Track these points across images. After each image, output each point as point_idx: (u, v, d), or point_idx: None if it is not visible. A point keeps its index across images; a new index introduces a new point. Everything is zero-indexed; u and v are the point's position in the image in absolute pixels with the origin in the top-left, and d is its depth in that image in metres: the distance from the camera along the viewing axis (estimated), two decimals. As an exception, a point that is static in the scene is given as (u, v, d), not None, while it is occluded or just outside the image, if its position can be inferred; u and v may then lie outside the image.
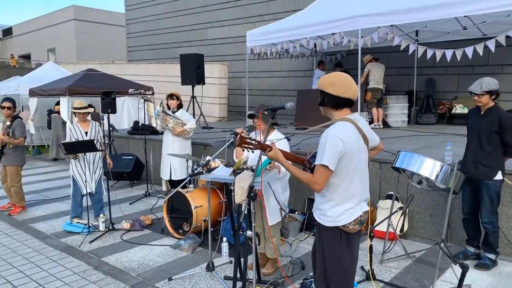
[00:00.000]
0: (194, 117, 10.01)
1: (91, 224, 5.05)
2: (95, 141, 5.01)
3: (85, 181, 5.27)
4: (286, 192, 3.83)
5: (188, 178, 3.97)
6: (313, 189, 2.34)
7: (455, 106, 9.35)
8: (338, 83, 2.35)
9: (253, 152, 3.74)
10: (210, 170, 3.55)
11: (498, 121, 3.62)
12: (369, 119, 8.67)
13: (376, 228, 4.65)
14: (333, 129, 2.29)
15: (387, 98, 9.27)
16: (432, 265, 3.97)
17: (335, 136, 2.25)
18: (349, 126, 2.32)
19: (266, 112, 3.66)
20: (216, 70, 12.22)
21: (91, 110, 5.40)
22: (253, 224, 2.91)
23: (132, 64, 15.63)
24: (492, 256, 3.85)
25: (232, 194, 4.70)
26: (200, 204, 4.59)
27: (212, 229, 4.74)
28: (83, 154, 5.21)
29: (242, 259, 3.14)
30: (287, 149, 3.66)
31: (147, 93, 11.20)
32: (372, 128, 9.18)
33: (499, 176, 3.70)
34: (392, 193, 4.72)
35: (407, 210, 4.68)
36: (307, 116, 9.49)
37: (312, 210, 2.56)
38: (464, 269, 2.52)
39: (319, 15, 8.50)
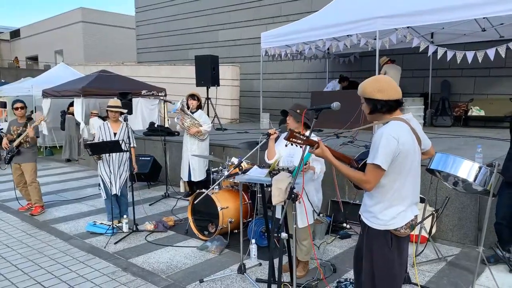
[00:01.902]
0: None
1: (115, 225, 5.02)
2: (120, 142, 4.97)
3: (112, 183, 5.22)
4: (319, 193, 3.79)
5: (223, 178, 3.92)
6: (364, 188, 2.29)
7: (471, 108, 9.29)
8: (386, 87, 2.29)
9: (295, 145, 3.74)
10: (243, 172, 3.51)
11: None
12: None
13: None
14: (387, 129, 2.23)
15: (403, 100, 9.20)
16: (466, 268, 3.91)
17: (389, 135, 2.20)
18: (404, 126, 2.27)
19: (298, 111, 3.61)
20: (228, 72, 12.21)
21: (124, 110, 5.38)
22: (294, 226, 2.87)
23: (143, 65, 15.66)
24: None
25: (258, 195, 4.69)
26: (226, 205, 4.55)
27: (236, 231, 4.71)
28: (108, 155, 5.17)
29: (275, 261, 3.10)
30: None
31: (159, 94, 11.22)
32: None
33: None
34: (422, 196, 4.66)
35: (436, 213, 4.62)
36: (321, 118, 9.40)
37: (360, 213, 2.50)
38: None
39: (335, 17, 8.47)
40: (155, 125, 8.58)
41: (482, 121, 9.22)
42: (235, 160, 4.70)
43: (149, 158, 7.43)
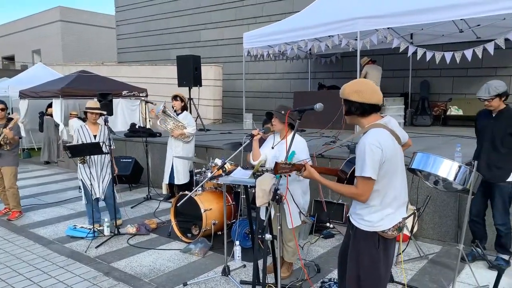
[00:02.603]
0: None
1: (96, 228, 4.92)
2: (101, 144, 4.88)
3: (94, 186, 5.12)
4: (306, 195, 3.78)
5: (206, 180, 3.89)
6: (359, 201, 2.31)
7: (449, 108, 9.47)
8: (363, 89, 2.30)
9: (273, 148, 3.74)
10: (227, 173, 3.49)
11: None
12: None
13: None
14: (369, 138, 2.23)
15: (384, 100, 9.33)
16: (447, 266, 3.97)
17: (372, 145, 2.20)
18: (383, 132, 2.28)
19: (283, 112, 3.62)
20: (211, 72, 12.15)
21: (104, 112, 5.28)
22: (278, 227, 2.86)
23: (123, 66, 15.44)
24: (506, 257, 3.88)
25: (242, 196, 4.67)
26: (209, 207, 4.52)
27: (220, 233, 4.68)
28: (89, 158, 5.07)
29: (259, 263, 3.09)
30: (306, 152, 3.63)
31: (141, 95, 11.08)
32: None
33: (511, 178, 3.71)
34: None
35: (417, 211, 4.69)
36: (304, 118, 9.44)
37: (348, 214, 2.52)
38: (501, 271, 2.52)
39: (317, 17, 8.52)
40: (136, 126, 8.46)
41: (460, 120, 9.41)
42: (218, 161, 4.68)
43: (130, 160, 7.32)
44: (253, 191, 3.49)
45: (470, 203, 3.46)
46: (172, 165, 6.13)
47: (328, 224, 5.10)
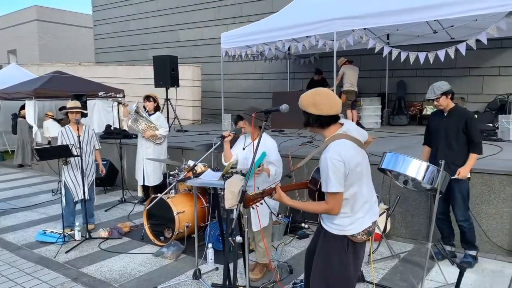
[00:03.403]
0: (168, 120, 9.83)
1: (66, 233, 4.80)
2: (70, 146, 4.77)
3: (78, 188, 5.00)
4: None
5: (174, 184, 3.83)
6: (331, 215, 2.31)
7: (425, 107, 9.61)
8: (320, 102, 2.28)
9: (244, 149, 3.71)
10: (197, 175, 3.44)
11: (464, 120, 3.74)
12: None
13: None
14: (330, 153, 2.22)
15: (361, 100, 9.42)
16: (418, 264, 4.02)
17: (334, 159, 2.20)
18: (344, 143, 2.27)
19: (252, 114, 3.59)
20: (189, 72, 12.05)
21: (85, 111, 5.17)
22: (246, 229, 2.84)
23: (100, 66, 15.19)
24: (473, 253, 3.94)
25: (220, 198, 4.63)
26: (182, 209, 4.46)
27: (194, 235, 4.62)
28: (75, 159, 4.97)
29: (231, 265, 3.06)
30: (276, 152, 3.61)
31: (117, 95, 10.90)
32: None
33: (468, 174, 3.80)
34: (376, 194, 4.76)
35: (387, 211, 4.73)
36: (283, 118, 9.49)
37: (320, 217, 2.52)
38: (462, 270, 2.56)
39: (295, 18, 8.53)
40: (111, 128, 8.31)
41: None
42: (191, 163, 4.62)
43: (105, 162, 7.17)
44: (222, 193, 3.47)
45: (437, 202, 3.50)
46: (143, 167, 6.04)
47: (303, 224, 5.10)
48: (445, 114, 3.87)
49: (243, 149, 3.67)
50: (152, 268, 4.03)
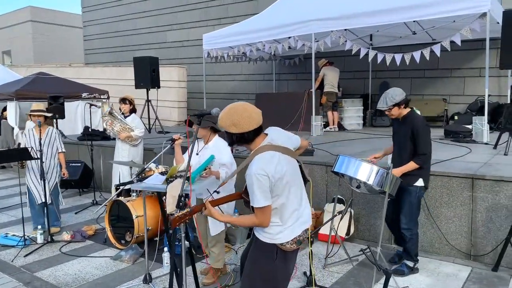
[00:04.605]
0: (149, 121, 9.81)
1: (27, 236, 4.78)
2: (29, 149, 4.74)
3: (39, 190, 4.98)
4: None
5: (121, 189, 3.81)
6: (262, 227, 2.30)
7: (408, 108, 9.57)
8: (238, 121, 2.25)
9: (197, 154, 3.68)
10: (143, 179, 3.42)
11: (411, 128, 3.58)
12: (324, 122, 8.75)
13: (321, 232, 4.66)
14: (254, 168, 2.21)
15: (343, 102, 9.40)
16: (373, 268, 3.98)
17: (258, 174, 2.19)
18: (267, 156, 2.25)
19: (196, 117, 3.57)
20: (174, 73, 12.04)
21: (48, 114, 5.14)
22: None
23: (88, 67, 15.18)
24: (410, 264, 3.80)
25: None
26: (142, 213, 4.42)
27: (156, 239, 4.60)
28: (35, 162, 4.95)
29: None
30: (229, 156, 3.58)
31: (102, 97, 10.90)
32: (327, 131, 9.09)
33: (419, 182, 3.65)
34: (339, 196, 4.74)
35: (352, 213, 4.71)
36: (266, 120, 9.43)
37: None
38: (387, 275, 2.53)
39: (275, 19, 8.52)
40: (90, 129, 8.29)
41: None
42: (153, 166, 4.59)
43: (79, 164, 7.17)
44: (164, 198, 3.44)
45: (386, 205, 3.47)
46: (120, 169, 6.01)
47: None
48: (400, 121, 3.74)
49: (197, 154, 3.65)
50: (108, 272, 4.01)
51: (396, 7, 6.97)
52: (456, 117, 8.68)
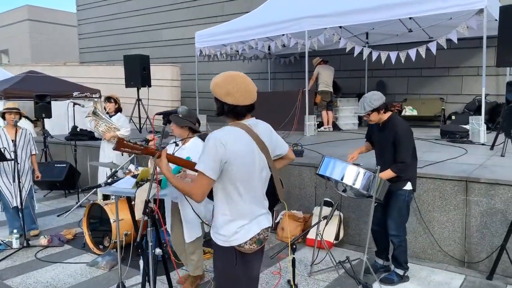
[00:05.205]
0: (140, 120, 9.62)
1: (2, 241, 4.58)
2: (2, 150, 4.55)
3: (12, 193, 4.78)
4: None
5: (90, 193, 3.62)
6: (193, 199, 2.07)
7: (404, 108, 9.37)
8: (235, 91, 2.07)
9: (172, 154, 3.48)
10: (112, 182, 3.22)
11: (393, 134, 3.37)
12: (318, 122, 8.55)
13: (309, 236, 4.46)
14: (217, 133, 2.04)
15: (338, 101, 9.19)
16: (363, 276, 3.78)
17: (217, 139, 2.00)
18: (237, 131, 2.07)
19: (181, 116, 3.38)
20: (168, 72, 11.84)
21: (24, 112, 4.96)
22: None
23: (81, 66, 15.00)
24: (400, 272, 3.60)
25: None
26: (121, 217, 4.23)
27: (136, 244, 4.40)
28: (8, 163, 4.76)
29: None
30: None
31: (93, 96, 10.71)
32: (321, 131, 8.90)
33: (408, 186, 3.46)
34: (327, 199, 4.54)
35: (341, 216, 4.51)
36: (260, 119, 9.22)
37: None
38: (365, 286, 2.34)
39: (268, 16, 8.33)
40: (78, 129, 8.09)
41: (415, 120, 9.31)
42: (132, 167, 4.39)
43: (64, 165, 6.97)
44: (132, 203, 3.25)
45: (372, 210, 3.27)
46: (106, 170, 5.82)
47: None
48: (380, 126, 3.50)
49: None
50: (81, 280, 3.81)
51: (391, 3, 6.77)
52: (453, 117, 8.47)
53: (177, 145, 3.32)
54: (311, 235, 4.39)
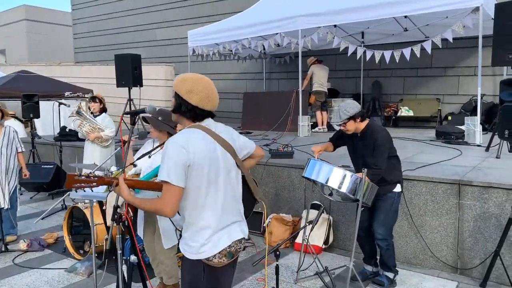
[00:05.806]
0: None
1: (-21, 246, 4.43)
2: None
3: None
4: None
5: (63, 198, 3.47)
6: (164, 215, 1.88)
7: (400, 108, 9.23)
8: (199, 91, 1.94)
9: (149, 157, 3.33)
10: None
11: (373, 141, 3.25)
12: (313, 122, 8.40)
13: (297, 241, 4.31)
14: (174, 137, 1.89)
15: (332, 101, 9.05)
16: (351, 283, 3.63)
17: (176, 143, 1.85)
18: (196, 133, 1.92)
19: (160, 118, 3.24)
20: (161, 72, 11.70)
21: (12, 112, 4.79)
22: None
23: (75, 66, 14.86)
24: (390, 275, 3.48)
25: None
26: (101, 221, 4.09)
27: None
28: None
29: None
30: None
31: (85, 96, 10.57)
32: (316, 132, 8.77)
33: (397, 188, 3.35)
34: (316, 202, 4.39)
35: (331, 220, 4.36)
36: (254, 120, 9.13)
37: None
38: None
39: (261, 16, 8.20)
40: (67, 130, 7.94)
41: (411, 121, 9.18)
42: (114, 169, 4.23)
43: (52, 166, 6.81)
44: (104, 208, 3.10)
45: (359, 214, 3.12)
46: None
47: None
48: (359, 135, 3.38)
49: (149, 157, 3.29)
50: (58, 286, 3.66)
51: (385, 1, 6.64)
52: (449, 118, 8.32)
53: (149, 157, 3.15)
54: (300, 239, 4.24)
